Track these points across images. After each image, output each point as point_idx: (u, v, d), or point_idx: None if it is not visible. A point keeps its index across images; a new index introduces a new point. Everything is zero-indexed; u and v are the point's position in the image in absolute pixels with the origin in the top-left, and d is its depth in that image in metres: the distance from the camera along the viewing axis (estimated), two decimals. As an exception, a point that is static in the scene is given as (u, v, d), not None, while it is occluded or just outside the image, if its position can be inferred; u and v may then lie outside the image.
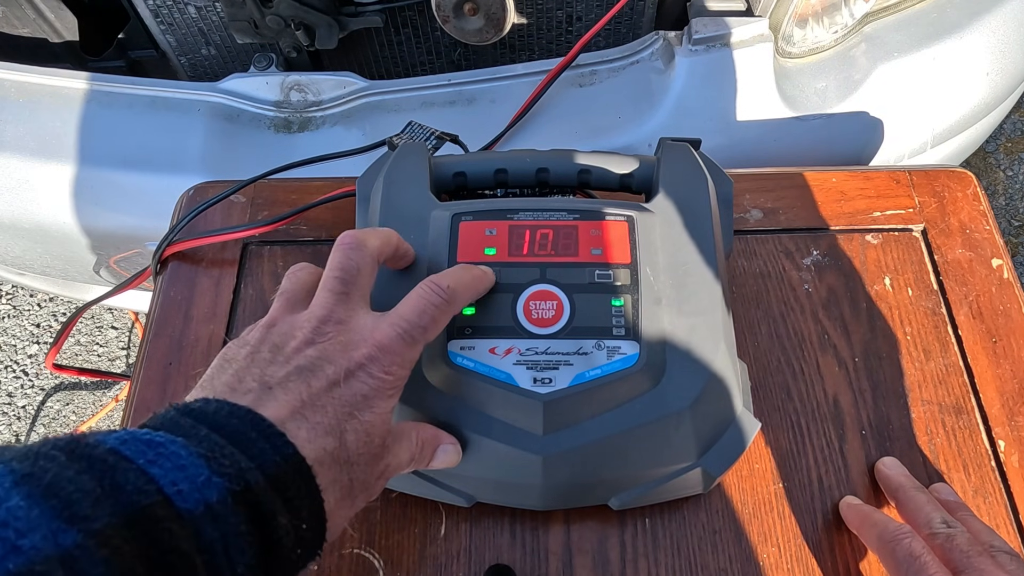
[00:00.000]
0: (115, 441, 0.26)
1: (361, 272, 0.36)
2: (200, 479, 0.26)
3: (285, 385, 0.31)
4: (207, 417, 0.28)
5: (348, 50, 0.84)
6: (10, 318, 1.55)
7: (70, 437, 0.25)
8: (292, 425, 0.30)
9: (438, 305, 0.36)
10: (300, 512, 0.29)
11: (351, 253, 0.36)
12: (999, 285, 0.52)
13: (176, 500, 0.25)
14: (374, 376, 0.33)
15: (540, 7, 0.79)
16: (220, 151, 0.74)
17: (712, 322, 0.42)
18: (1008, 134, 1.69)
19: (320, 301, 0.35)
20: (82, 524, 0.22)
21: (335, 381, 0.32)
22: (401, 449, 0.35)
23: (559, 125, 0.72)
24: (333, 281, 0.35)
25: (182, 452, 0.26)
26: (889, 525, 0.39)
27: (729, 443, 0.42)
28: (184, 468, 0.26)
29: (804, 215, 0.55)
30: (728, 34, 0.72)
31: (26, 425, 1.44)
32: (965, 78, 0.78)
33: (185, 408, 0.29)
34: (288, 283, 0.38)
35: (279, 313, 0.35)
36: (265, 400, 0.30)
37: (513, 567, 0.42)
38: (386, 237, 0.39)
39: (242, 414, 0.29)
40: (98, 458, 0.25)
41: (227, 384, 0.31)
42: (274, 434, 0.29)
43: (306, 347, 0.33)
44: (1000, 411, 0.47)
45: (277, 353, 0.33)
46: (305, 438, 0.30)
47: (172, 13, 0.80)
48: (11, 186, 0.76)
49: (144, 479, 0.25)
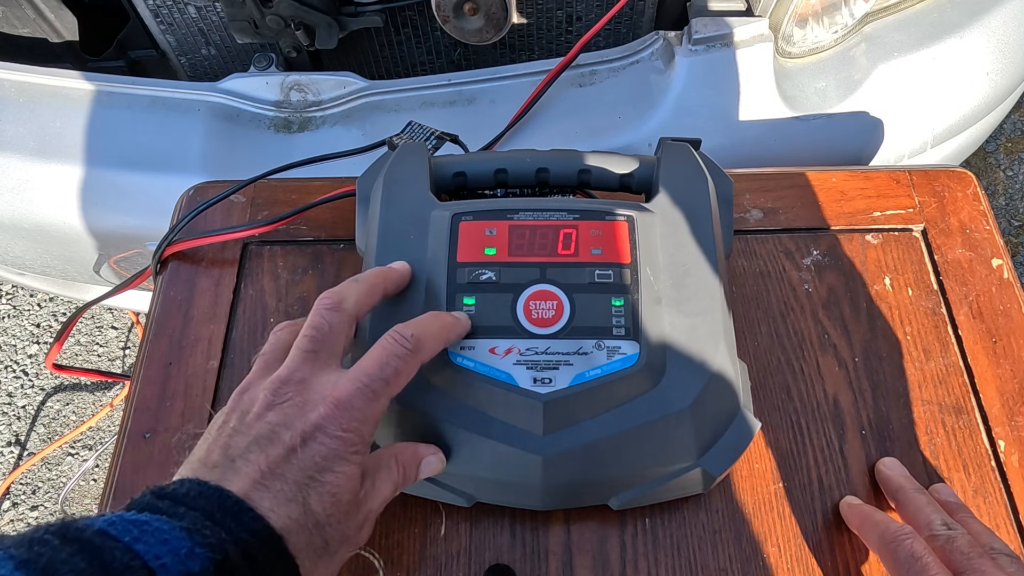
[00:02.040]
0: (103, 523, 0.27)
1: (332, 331, 0.36)
2: (183, 551, 0.27)
3: (246, 457, 0.32)
4: (180, 498, 0.29)
5: (348, 50, 0.84)
6: (10, 318, 1.55)
7: (61, 523, 0.27)
8: (255, 496, 0.30)
9: (401, 356, 0.35)
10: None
11: (324, 313, 0.36)
12: (999, 285, 0.52)
13: (160, 573, 0.26)
14: (331, 436, 0.32)
15: (540, 7, 0.79)
16: (220, 151, 0.74)
17: (712, 322, 0.42)
18: (1008, 134, 1.69)
19: (288, 361, 0.35)
20: None
21: (292, 447, 0.32)
22: (381, 484, 0.36)
23: (559, 125, 0.72)
24: (302, 340, 0.36)
25: (165, 527, 0.27)
26: (891, 526, 0.39)
27: (729, 443, 0.42)
28: (167, 542, 0.27)
29: (804, 215, 0.55)
30: (728, 34, 0.72)
31: (26, 425, 1.44)
32: (965, 78, 0.78)
33: (160, 491, 0.30)
34: (267, 344, 0.38)
35: (253, 377, 0.36)
36: (229, 475, 0.31)
37: (513, 567, 0.42)
38: (370, 288, 0.39)
39: (210, 493, 0.30)
40: (87, 540, 0.26)
41: (199, 460, 0.32)
42: (242, 510, 0.29)
43: (266, 411, 0.33)
44: (1000, 411, 0.47)
45: (241, 422, 0.33)
46: (268, 508, 0.30)
47: (172, 13, 0.80)
48: (11, 186, 0.76)
49: (130, 555, 0.26)
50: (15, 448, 1.42)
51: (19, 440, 1.43)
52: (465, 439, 0.40)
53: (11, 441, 1.43)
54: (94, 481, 1.38)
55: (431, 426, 0.40)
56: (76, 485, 1.37)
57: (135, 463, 0.46)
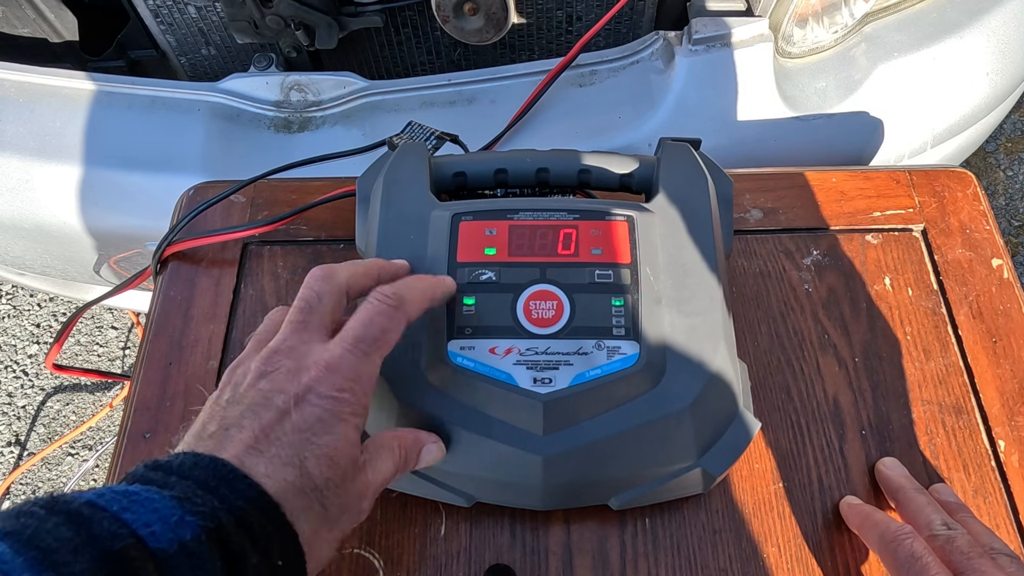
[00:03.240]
0: (92, 495, 0.27)
1: (322, 301, 0.36)
2: (173, 519, 0.27)
3: (240, 424, 0.32)
4: (174, 469, 0.29)
5: (348, 50, 0.84)
6: (10, 318, 1.55)
7: (49, 496, 0.27)
8: (250, 462, 0.30)
9: (385, 312, 0.35)
10: (270, 551, 0.29)
11: (313, 284, 0.36)
12: (999, 285, 0.52)
13: (149, 541, 0.26)
14: (324, 397, 0.32)
15: (540, 7, 0.79)
16: (220, 151, 0.74)
17: (712, 322, 0.42)
18: (1008, 134, 1.69)
19: (277, 334, 0.35)
20: (62, 569, 0.24)
21: (286, 410, 0.32)
22: (382, 462, 0.35)
23: (559, 125, 0.72)
24: (292, 312, 0.36)
25: (155, 496, 0.27)
26: (891, 525, 0.39)
27: (729, 443, 0.42)
28: (157, 511, 0.27)
29: (804, 215, 0.55)
30: (728, 34, 0.72)
31: (26, 425, 1.44)
32: (965, 78, 0.78)
33: (154, 464, 0.30)
34: (261, 325, 0.39)
35: (246, 354, 0.36)
36: (224, 443, 0.31)
37: (513, 567, 0.42)
38: (365, 269, 0.39)
39: (205, 463, 0.30)
40: (75, 511, 0.26)
41: (194, 434, 0.32)
42: (236, 477, 0.29)
43: (258, 381, 0.33)
44: (1000, 411, 0.47)
45: (235, 392, 0.33)
46: (264, 473, 0.30)
47: (172, 13, 0.80)
48: (11, 186, 0.76)
49: (118, 524, 0.26)
50: (15, 448, 1.42)
51: (19, 440, 1.43)
52: (465, 439, 0.40)
53: (11, 441, 1.43)
54: (94, 481, 1.38)
55: (431, 426, 0.40)
56: (76, 485, 1.37)
57: (135, 463, 0.45)
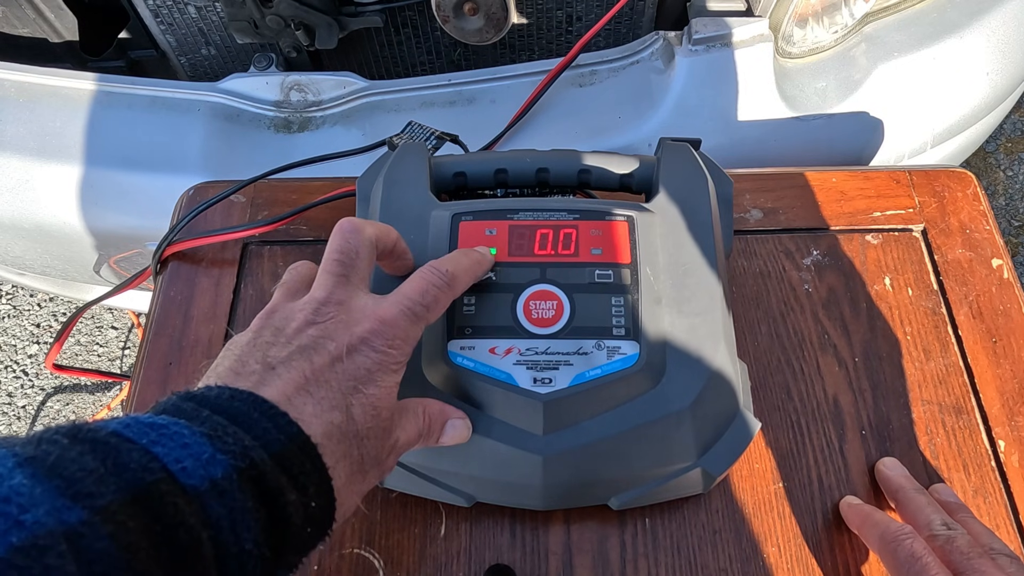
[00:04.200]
0: (118, 425, 0.26)
1: (360, 255, 0.36)
2: (204, 456, 0.26)
3: (288, 364, 0.31)
4: (209, 401, 0.28)
5: (348, 50, 0.84)
6: (10, 318, 1.55)
7: (72, 424, 0.26)
8: (298, 401, 0.30)
9: (439, 287, 0.36)
10: (307, 489, 0.28)
11: (350, 236, 0.36)
12: (999, 285, 0.52)
13: (180, 477, 0.25)
14: (377, 350, 0.33)
15: (540, 7, 0.79)
16: (220, 151, 0.74)
17: (712, 322, 0.42)
18: (1008, 134, 1.69)
19: (320, 283, 0.35)
20: (87, 501, 0.23)
21: (338, 356, 0.32)
22: (408, 424, 0.35)
23: (559, 125, 0.72)
24: (332, 264, 0.35)
25: (185, 432, 0.26)
26: (891, 525, 0.39)
27: (729, 443, 0.42)
28: (188, 447, 0.26)
29: (804, 215, 0.55)
30: (728, 34, 0.72)
31: (26, 425, 1.44)
32: (965, 78, 0.78)
33: (187, 394, 0.29)
34: (288, 275, 0.38)
35: (279, 301, 0.36)
36: (268, 380, 0.30)
37: (513, 567, 0.42)
38: (385, 228, 0.39)
39: (244, 396, 0.29)
40: (101, 440, 0.25)
41: (230, 369, 0.31)
42: (276, 414, 0.29)
43: (307, 327, 0.33)
44: (1000, 411, 0.47)
45: (279, 335, 0.33)
46: (312, 413, 0.30)
47: (172, 13, 0.80)
48: (11, 186, 0.76)
49: (148, 457, 0.25)
50: (15, 448, 1.42)
51: (19, 440, 1.43)
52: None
53: (11, 441, 1.43)
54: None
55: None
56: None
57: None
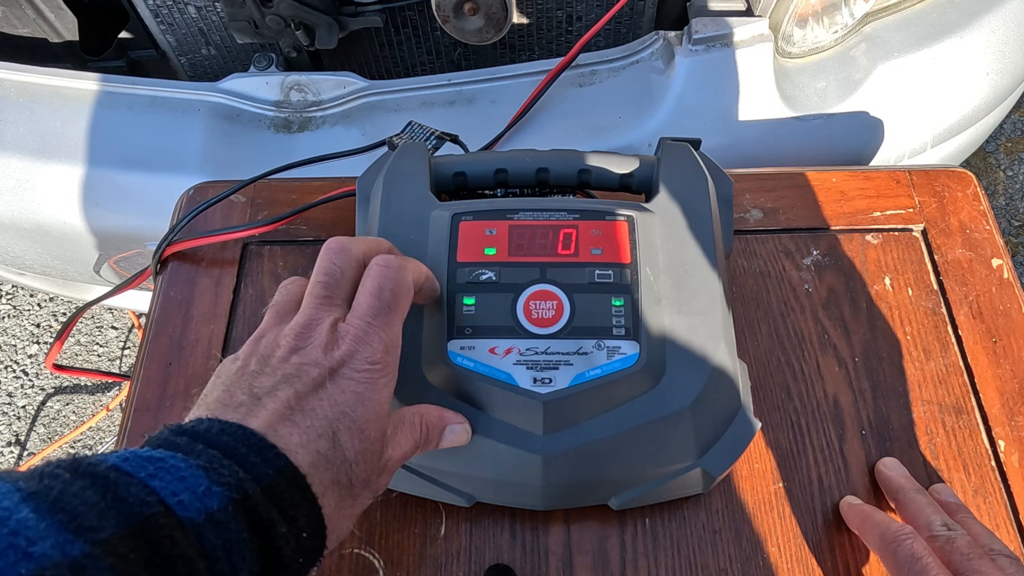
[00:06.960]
0: (116, 459, 0.27)
1: (345, 276, 0.36)
2: (200, 489, 0.26)
3: (273, 394, 0.31)
4: (200, 435, 0.29)
5: (348, 50, 0.84)
6: (10, 318, 1.55)
7: (72, 458, 0.26)
8: (284, 431, 0.30)
9: (392, 276, 0.35)
10: (297, 521, 0.29)
11: (335, 257, 0.36)
12: (999, 285, 0.52)
13: (177, 510, 0.26)
14: (358, 370, 0.33)
15: (540, 7, 0.79)
16: (220, 151, 0.74)
17: (712, 322, 0.42)
18: (1008, 134, 1.69)
19: (304, 307, 0.35)
20: (88, 535, 0.23)
21: (320, 383, 0.32)
22: (403, 438, 0.35)
23: (559, 125, 0.72)
24: (316, 286, 0.36)
25: (181, 465, 0.27)
26: (891, 526, 0.39)
27: (729, 443, 0.42)
28: (184, 479, 0.26)
29: (804, 215, 0.55)
30: (728, 34, 0.72)
31: (26, 425, 1.44)
32: (965, 78, 0.78)
33: (179, 428, 0.30)
34: (278, 295, 0.38)
35: (267, 325, 0.36)
36: (255, 411, 0.31)
37: (513, 567, 0.42)
38: (377, 242, 0.39)
39: (233, 430, 0.29)
40: (100, 475, 0.25)
41: (219, 400, 0.32)
42: (264, 447, 0.29)
43: (291, 355, 0.33)
44: (1000, 411, 0.47)
45: (264, 364, 0.33)
46: (298, 443, 0.30)
47: (172, 13, 0.80)
48: (11, 186, 0.76)
49: (146, 491, 0.26)
50: (15, 448, 1.42)
51: (19, 440, 1.43)
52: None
53: (11, 441, 1.43)
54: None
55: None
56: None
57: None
